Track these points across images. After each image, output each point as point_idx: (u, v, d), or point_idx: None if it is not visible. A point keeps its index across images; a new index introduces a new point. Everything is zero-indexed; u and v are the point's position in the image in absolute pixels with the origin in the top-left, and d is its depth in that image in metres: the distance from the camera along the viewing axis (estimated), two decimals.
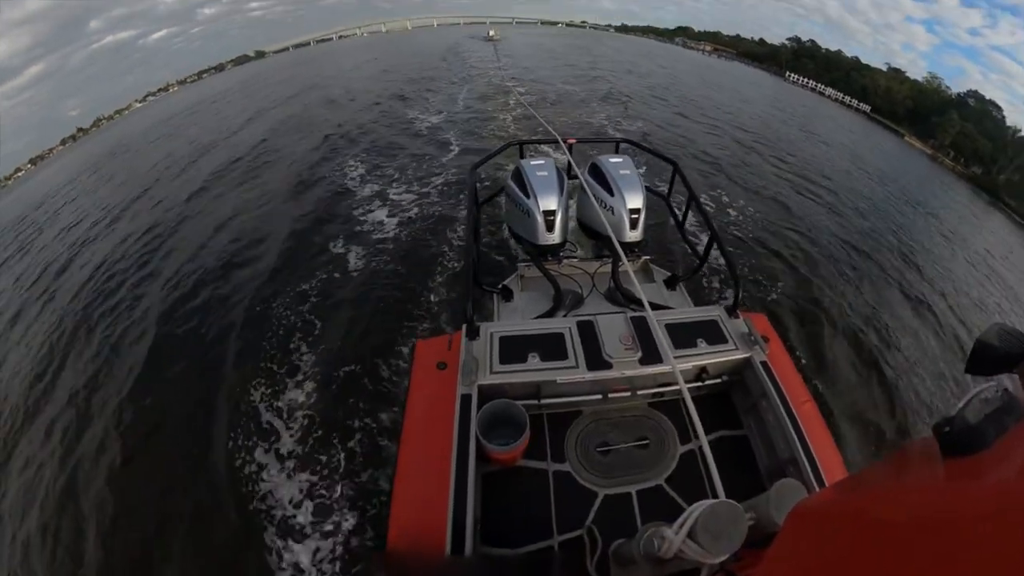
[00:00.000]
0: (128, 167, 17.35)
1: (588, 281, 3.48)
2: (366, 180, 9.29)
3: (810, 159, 15.52)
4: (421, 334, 4.85)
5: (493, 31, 54.66)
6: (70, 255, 9.64)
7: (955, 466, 0.57)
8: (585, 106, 16.55)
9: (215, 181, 11.28)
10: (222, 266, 6.85)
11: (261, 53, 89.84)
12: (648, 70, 30.62)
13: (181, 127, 22.38)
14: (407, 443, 2.07)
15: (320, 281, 5.97)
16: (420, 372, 2.36)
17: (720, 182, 10.37)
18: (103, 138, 38.75)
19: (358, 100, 18.71)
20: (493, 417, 2.16)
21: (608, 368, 2.31)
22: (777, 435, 2.22)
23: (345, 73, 29.71)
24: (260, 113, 19.59)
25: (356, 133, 13.26)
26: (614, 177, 3.32)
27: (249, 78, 42.06)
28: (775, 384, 2.26)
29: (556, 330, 2.50)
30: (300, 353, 4.78)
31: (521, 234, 3.45)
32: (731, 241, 7.37)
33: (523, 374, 2.28)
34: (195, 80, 75.30)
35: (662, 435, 2.41)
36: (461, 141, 11.69)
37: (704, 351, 2.42)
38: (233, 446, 3.87)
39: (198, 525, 3.39)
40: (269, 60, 78.00)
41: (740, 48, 74.51)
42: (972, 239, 15.75)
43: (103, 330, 6.16)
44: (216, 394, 4.42)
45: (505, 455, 2.09)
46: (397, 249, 6.59)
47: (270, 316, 5.40)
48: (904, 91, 48.52)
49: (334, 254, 6.63)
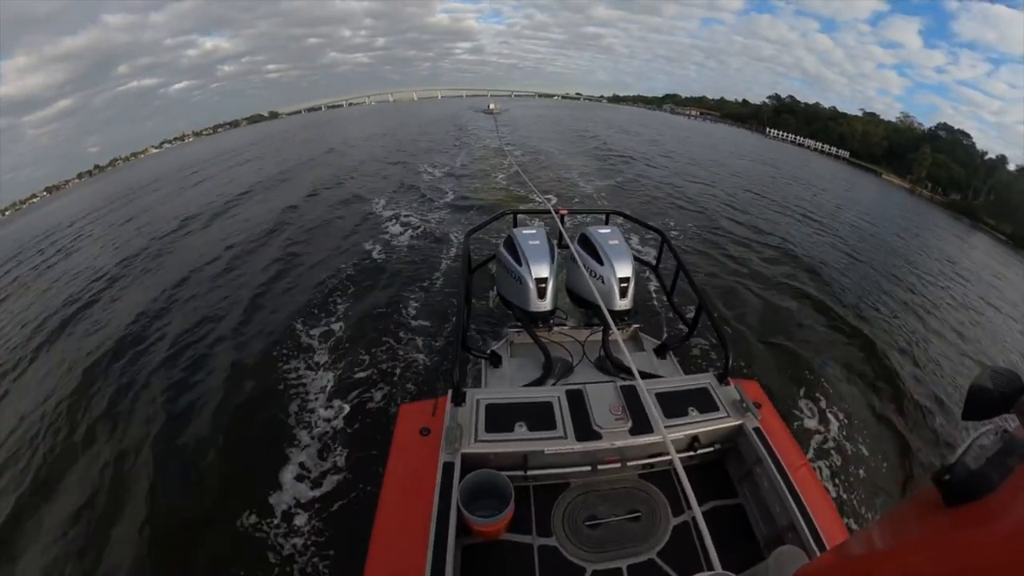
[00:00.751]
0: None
1: (578, 349, 3.48)
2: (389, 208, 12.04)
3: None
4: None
5: (493, 104, 56.03)
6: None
7: (960, 514, 0.56)
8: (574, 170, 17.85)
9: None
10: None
11: (275, 114, 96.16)
12: (636, 132, 34.20)
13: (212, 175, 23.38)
14: (384, 510, 2.01)
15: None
16: (402, 437, 2.32)
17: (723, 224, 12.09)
18: (118, 177, 41.36)
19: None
20: (476, 487, 2.09)
21: (598, 439, 2.26)
22: (774, 501, 2.16)
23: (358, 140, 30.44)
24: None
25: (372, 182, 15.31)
26: (603, 247, 3.39)
27: (272, 134, 45.18)
28: (769, 450, 2.21)
29: (545, 399, 2.46)
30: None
31: (512, 301, 3.47)
32: (720, 293, 7.51)
33: (509, 443, 2.23)
34: (211, 133, 79.87)
35: (654, 507, 2.33)
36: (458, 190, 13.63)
37: (695, 420, 2.38)
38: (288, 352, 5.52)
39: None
40: (282, 121, 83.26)
41: (725, 110, 79.88)
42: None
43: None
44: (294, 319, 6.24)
45: (488, 527, 2.01)
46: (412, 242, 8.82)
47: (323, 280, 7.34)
48: (880, 133, 52.29)
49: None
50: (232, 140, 49.91)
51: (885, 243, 15.12)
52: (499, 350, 3.52)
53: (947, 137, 47.70)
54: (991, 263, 19.91)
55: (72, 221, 20.35)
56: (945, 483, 0.57)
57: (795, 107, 66.36)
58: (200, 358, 5.85)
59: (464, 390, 2.44)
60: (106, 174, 59.26)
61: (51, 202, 47.22)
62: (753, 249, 10.31)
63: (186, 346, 6.19)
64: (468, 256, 3.53)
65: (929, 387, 6.00)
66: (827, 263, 10.39)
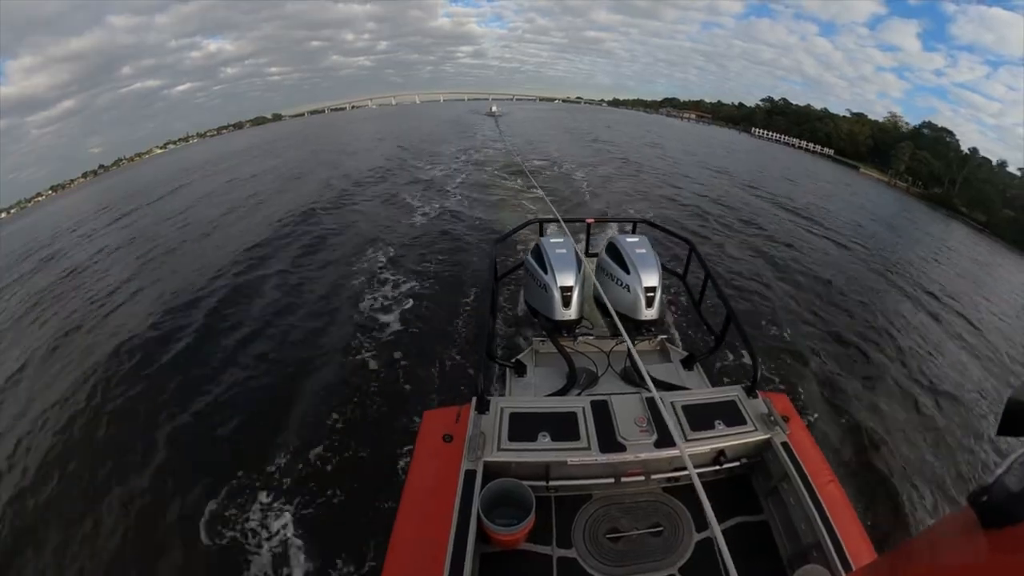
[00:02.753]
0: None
1: (603, 359, 3.42)
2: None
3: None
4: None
5: (495, 107, 55.41)
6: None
7: (998, 538, 0.53)
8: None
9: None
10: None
11: (279, 116, 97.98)
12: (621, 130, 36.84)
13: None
14: (404, 516, 2.00)
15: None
16: (425, 443, 2.32)
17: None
18: (127, 176, 42.64)
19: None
20: (497, 496, 2.06)
21: (622, 451, 2.23)
22: (799, 519, 2.11)
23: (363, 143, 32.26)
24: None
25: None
26: (630, 256, 3.35)
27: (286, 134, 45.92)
28: (796, 465, 2.16)
29: (569, 409, 2.43)
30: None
31: (538, 309, 3.46)
32: (745, 316, 7.54)
33: (532, 453, 2.21)
34: (214, 135, 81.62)
35: (677, 521, 2.28)
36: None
37: (722, 433, 2.33)
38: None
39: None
40: (286, 123, 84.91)
41: (720, 113, 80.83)
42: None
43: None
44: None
45: (507, 537, 1.99)
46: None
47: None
48: (865, 131, 54.38)
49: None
50: (239, 142, 50.59)
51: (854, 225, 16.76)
52: (524, 359, 3.48)
53: (930, 134, 49.35)
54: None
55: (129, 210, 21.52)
56: (982, 504, 0.54)
57: (786, 109, 67.81)
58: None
59: (488, 398, 2.42)
60: (110, 174, 60.69)
61: (57, 200, 48.11)
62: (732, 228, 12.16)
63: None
64: (495, 264, 3.51)
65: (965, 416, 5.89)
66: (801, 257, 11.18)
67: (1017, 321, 10.69)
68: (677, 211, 13.26)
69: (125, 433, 4.86)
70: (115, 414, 5.20)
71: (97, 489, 4.23)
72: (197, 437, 4.68)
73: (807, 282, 9.10)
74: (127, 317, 7.73)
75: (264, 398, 5.14)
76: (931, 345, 7.77)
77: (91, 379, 5.94)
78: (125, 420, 5.06)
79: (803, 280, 9.17)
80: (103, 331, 7.44)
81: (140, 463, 4.40)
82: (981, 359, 7.86)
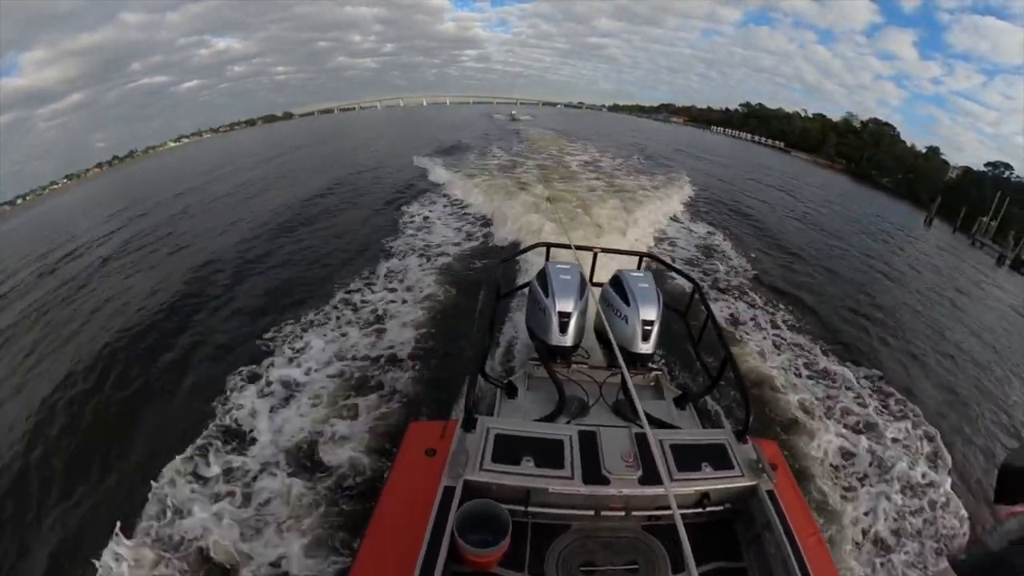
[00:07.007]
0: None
1: (595, 390, 3.36)
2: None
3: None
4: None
5: (515, 110, 53.98)
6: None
7: None
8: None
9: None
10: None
11: (289, 114, 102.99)
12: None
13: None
14: (376, 527, 1.99)
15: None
16: (407, 455, 2.30)
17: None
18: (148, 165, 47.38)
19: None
20: (474, 516, 2.01)
21: (605, 484, 2.17)
22: (779, 569, 2.05)
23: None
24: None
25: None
26: (632, 289, 3.38)
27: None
28: (781, 515, 2.11)
29: (556, 436, 2.39)
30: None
31: (536, 331, 3.48)
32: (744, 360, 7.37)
33: (514, 476, 2.17)
34: (227, 131, 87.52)
35: (653, 560, 2.22)
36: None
37: (708, 476, 2.28)
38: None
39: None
40: (296, 121, 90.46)
41: (706, 117, 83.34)
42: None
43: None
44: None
45: (480, 558, 1.94)
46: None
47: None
48: (817, 128, 63.77)
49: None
50: (247, 138, 54.19)
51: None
52: (516, 381, 3.47)
53: (874, 128, 60.77)
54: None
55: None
56: (961, 564, 0.54)
57: (759, 112, 75.38)
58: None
59: (476, 416, 2.41)
60: (126, 165, 65.17)
61: (72, 189, 52.21)
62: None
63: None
64: (498, 282, 3.54)
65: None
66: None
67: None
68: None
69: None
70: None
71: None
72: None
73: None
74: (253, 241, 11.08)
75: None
76: None
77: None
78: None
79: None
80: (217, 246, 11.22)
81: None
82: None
